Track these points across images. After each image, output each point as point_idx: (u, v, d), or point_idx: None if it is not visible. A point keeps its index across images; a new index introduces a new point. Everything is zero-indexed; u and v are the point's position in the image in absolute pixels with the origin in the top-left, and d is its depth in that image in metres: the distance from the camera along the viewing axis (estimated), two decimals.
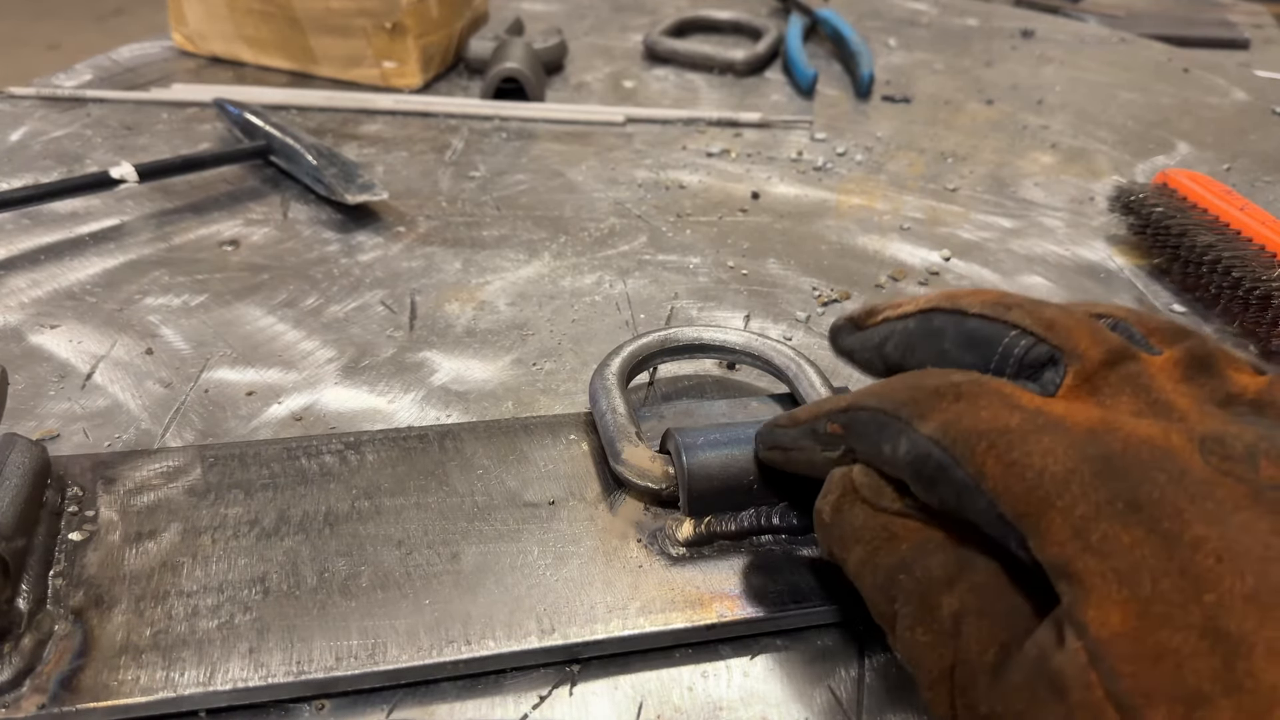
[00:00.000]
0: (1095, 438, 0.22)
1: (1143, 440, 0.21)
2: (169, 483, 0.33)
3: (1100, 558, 0.20)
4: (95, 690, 0.26)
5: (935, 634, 0.23)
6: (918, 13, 1.05)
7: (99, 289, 0.48)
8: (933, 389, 0.25)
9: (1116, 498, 0.20)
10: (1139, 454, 0.21)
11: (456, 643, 0.28)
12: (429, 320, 0.47)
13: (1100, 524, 0.20)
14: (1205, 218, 0.51)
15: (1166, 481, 0.20)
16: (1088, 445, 0.22)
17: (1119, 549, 0.19)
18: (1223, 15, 1.33)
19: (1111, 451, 0.21)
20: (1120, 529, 0.20)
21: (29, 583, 0.28)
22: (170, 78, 0.76)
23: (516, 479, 0.35)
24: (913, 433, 0.24)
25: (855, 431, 0.26)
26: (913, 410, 0.25)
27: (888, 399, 0.25)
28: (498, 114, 0.72)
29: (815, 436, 0.28)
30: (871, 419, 0.26)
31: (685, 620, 0.30)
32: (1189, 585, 0.18)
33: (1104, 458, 0.21)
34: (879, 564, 0.25)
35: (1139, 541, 0.19)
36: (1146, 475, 0.20)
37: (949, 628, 0.23)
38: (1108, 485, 0.20)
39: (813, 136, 0.71)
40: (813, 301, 0.50)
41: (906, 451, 0.24)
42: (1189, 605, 0.18)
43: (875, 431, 0.25)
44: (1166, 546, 0.19)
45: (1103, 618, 0.19)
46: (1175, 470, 0.20)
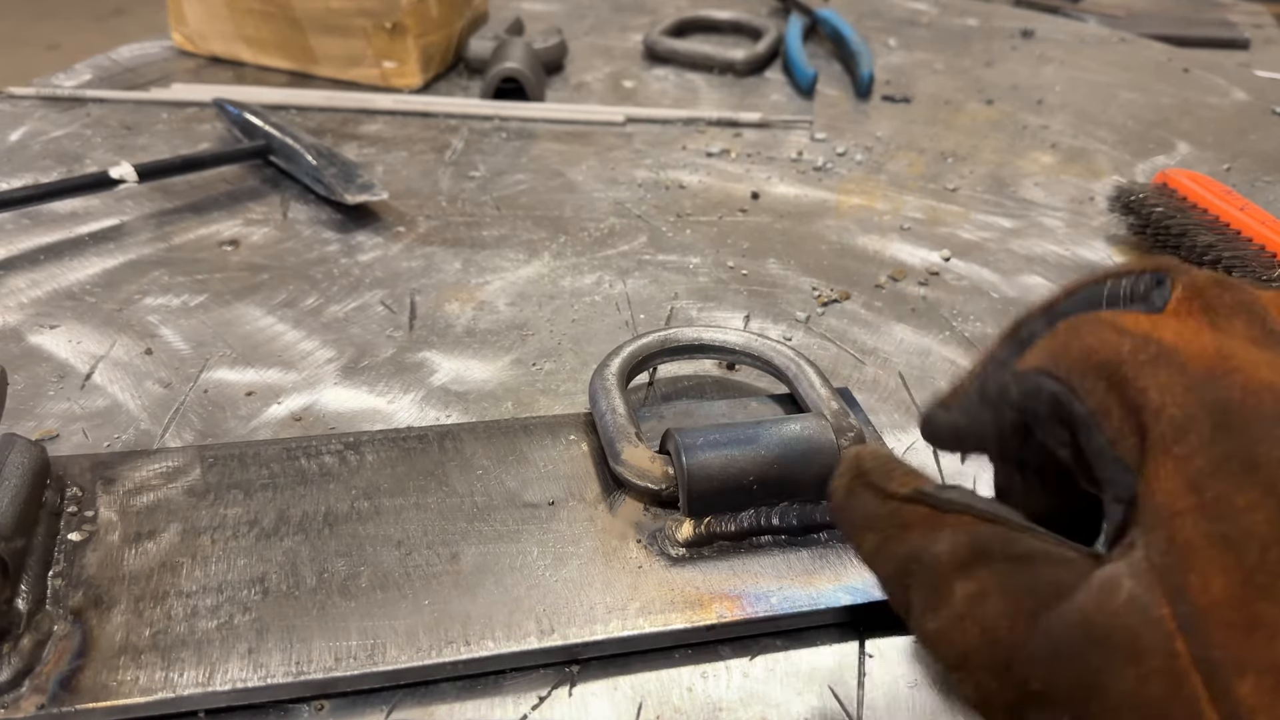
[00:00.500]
0: (1214, 380, 0.21)
1: (1265, 387, 0.20)
2: (168, 483, 0.33)
3: (1212, 519, 0.19)
4: (94, 690, 0.26)
5: (947, 619, 0.23)
6: (918, 13, 1.05)
7: (99, 289, 0.48)
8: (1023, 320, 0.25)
9: (1235, 454, 0.19)
10: (1260, 404, 0.20)
11: (456, 643, 0.28)
12: (429, 320, 0.47)
13: (1216, 482, 0.19)
14: (1205, 218, 0.51)
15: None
16: (1207, 388, 0.20)
17: (1232, 511, 0.19)
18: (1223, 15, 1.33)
19: (1231, 399, 0.20)
20: (1236, 490, 0.19)
21: (28, 583, 0.28)
22: (170, 78, 0.76)
23: (516, 479, 0.35)
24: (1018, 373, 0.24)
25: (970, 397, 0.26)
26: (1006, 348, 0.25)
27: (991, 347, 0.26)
28: (498, 114, 0.71)
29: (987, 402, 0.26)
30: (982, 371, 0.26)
31: (685, 621, 0.29)
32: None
33: (1223, 407, 0.20)
34: (892, 553, 0.24)
35: (1253, 505, 0.19)
36: (1268, 432, 0.19)
37: (962, 610, 0.22)
38: (1228, 438, 0.20)
39: (813, 136, 0.71)
40: (812, 301, 0.50)
41: (1017, 390, 0.24)
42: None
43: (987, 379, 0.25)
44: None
45: (1205, 584, 0.18)
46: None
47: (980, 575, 0.22)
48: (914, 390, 0.43)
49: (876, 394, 0.42)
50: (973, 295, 0.51)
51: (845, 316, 0.48)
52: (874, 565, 0.25)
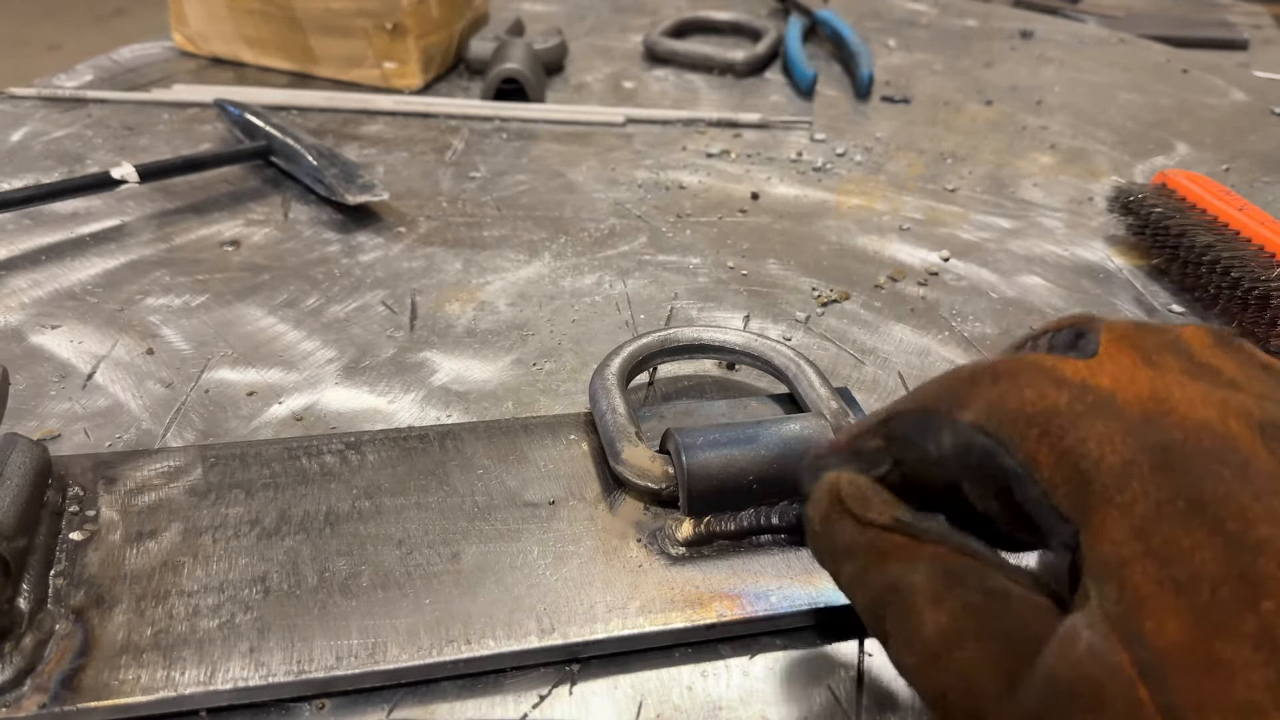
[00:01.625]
0: (1152, 422, 0.21)
1: (1202, 426, 0.20)
2: (170, 482, 0.34)
3: (1160, 563, 0.19)
4: (96, 689, 0.26)
5: (919, 655, 0.22)
6: (917, 13, 1.05)
7: (100, 289, 0.48)
8: (968, 376, 0.23)
9: (1178, 495, 0.19)
10: (1200, 443, 0.20)
11: (457, 642, 0.28)
12: (429, 320, 0.47)
13: (1162, 526, 0.19)
14: (1204, 218, 0.51)
15: (1231, 477, 0.19)
16: (1145, 432, 0.20)
17: (1180, 554, 0.19)
18: (1222, 15, 1.34)
19: (1171, 440, 0.20)
20: (1182, 532, 0.19)
21: (30, 582, 0.29)
22: (171, 78, 0.76)
23: (516, 479, 0.35)
24: (955, 424, 0.23)
25: (898, 439, 0.25)
26: (950, 401, 0.23)
27: (924, 397, 0.24)
28: (498, 114, 0.72)
29: (859, 457, 0.26)
30: (911, 421, 0.24)
31: (685, 620, 0.30)
32: (1248, 592, 0.18)
33: (1163, 447, 0.20)
34: (869, 583, 0.24)
35: (1200, 545, 0.18)
36: (1209, 469, 0.19)
37: (935, 647, 0.22)
38: (1169, 480, 0.19)
39: (812, 137, 0.71)
40: (812, 302, 0.50)
41: (951, 444, 0.23)
42: (1245, 614, 0.18)
43: (918, 433, 0.24)
44: (1229, 550, 0.18)
45: (1160, 628, 0.18)
46: (1238, 462, 0.19)
47: (953, 608, 0.22)
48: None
49: (876, 394, 0.42)
50: (972, 295, 0.51)
51: (845, 317, 0.48)
52: (852, 594, 0.25)
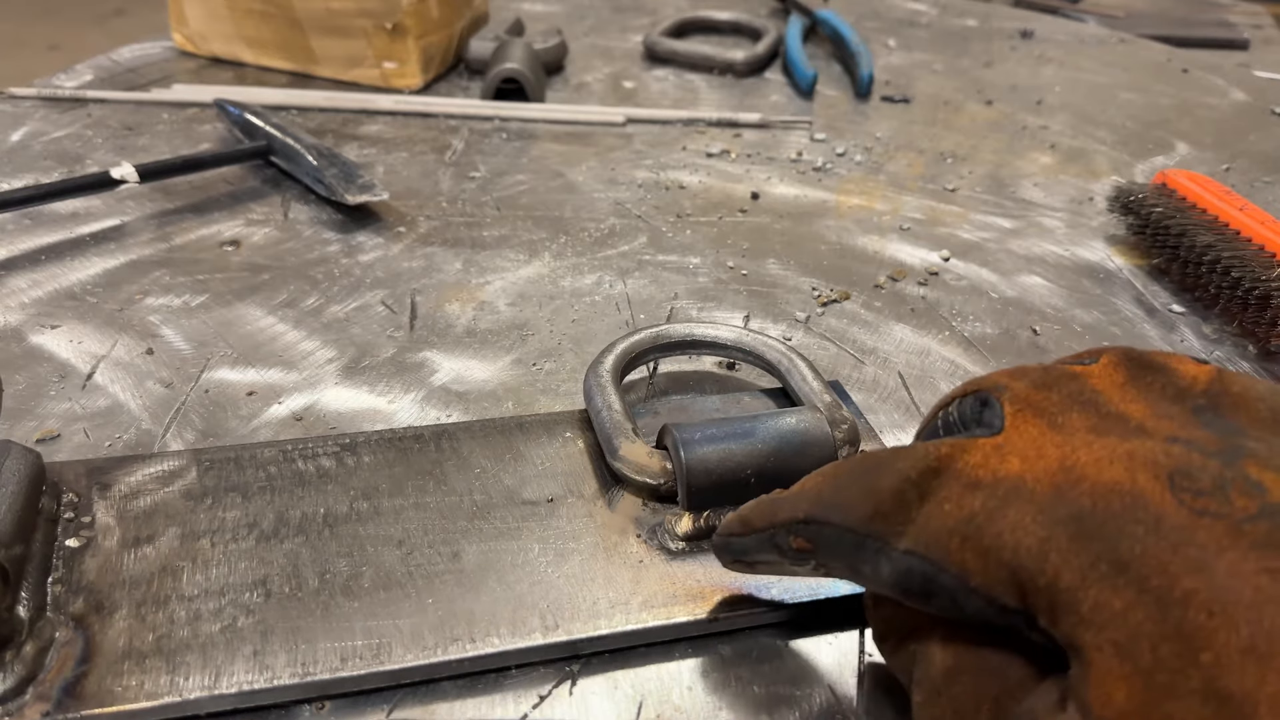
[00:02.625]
0: (1061, 495, 0.21)
1: (1110, 488, 0.20)
2: (165, 487, 0.33)
3: (1095, 629, 0.19)
4: (100, 696, 0.26)
5: (926, 692, 0.23)
6: (917, 13, 1.05)
7: (99, 289, 0.48)
8: (892, 494, 0.23)
9: (1099, 560, 0.19)
10: (1110, 506, 0.20)
11: (461, 641, 0.28)
12: (429, 320, 0.47)
13: (1089, 591, 0.19)
14: (1204, 218, 0.51)
15: (1145, 534, 0.19)
16: (1056, 507, 0.20)
17: (1112, 617, 0.18)
18: (1222, 15, 1.33)
19: (1081, 510, 0.20)
20: (1110, 593, 0.19)
21: (28, 590, 0.28)
22: (171, 78, 0.76)
23: (514, 477, 0.35)
24: (891, 551, 0.23)
25: (825, 549, 0.25)
26: (884, 527, 0.23)
27: (850, 511, 0.24)
28: (498, 114, 0.72)
29: (779, 550, 0.26)
30: (841, 538, 0.24)
31: (687, 614, 0.30)
32: (1184, 647, 0.18)
33: (1075, 518, 0.20)
34: (901, 654, 0.25)
35: (1131, 605, 0.18)
36: (1123, 530, 0.19)
37: (939, 683, 0.22)
38: (1085, 547, 0.19)
39: (812, 137, 0.71)
40: (812, 301, 0.50)
41: (889, 572, 0.23)
42: (1188, 669, 0.17)
43: (848, 552, 0.24)
44: (1159, 607, 0.18)
45: (1105, 696, 0.18)
46: (1150, 519, 0.19)
47: (958, 647, 0.23)
48: (913, 390, 0.43)
49: (876, 394, 0.42)
50: (972, 295, 0.51)
51: (845, 316, 0.48)
52: (891, 663, 0.26)
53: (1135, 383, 0.24)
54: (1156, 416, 0.23)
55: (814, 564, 0.26)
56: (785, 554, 0.26)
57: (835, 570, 0.25)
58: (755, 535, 0.27)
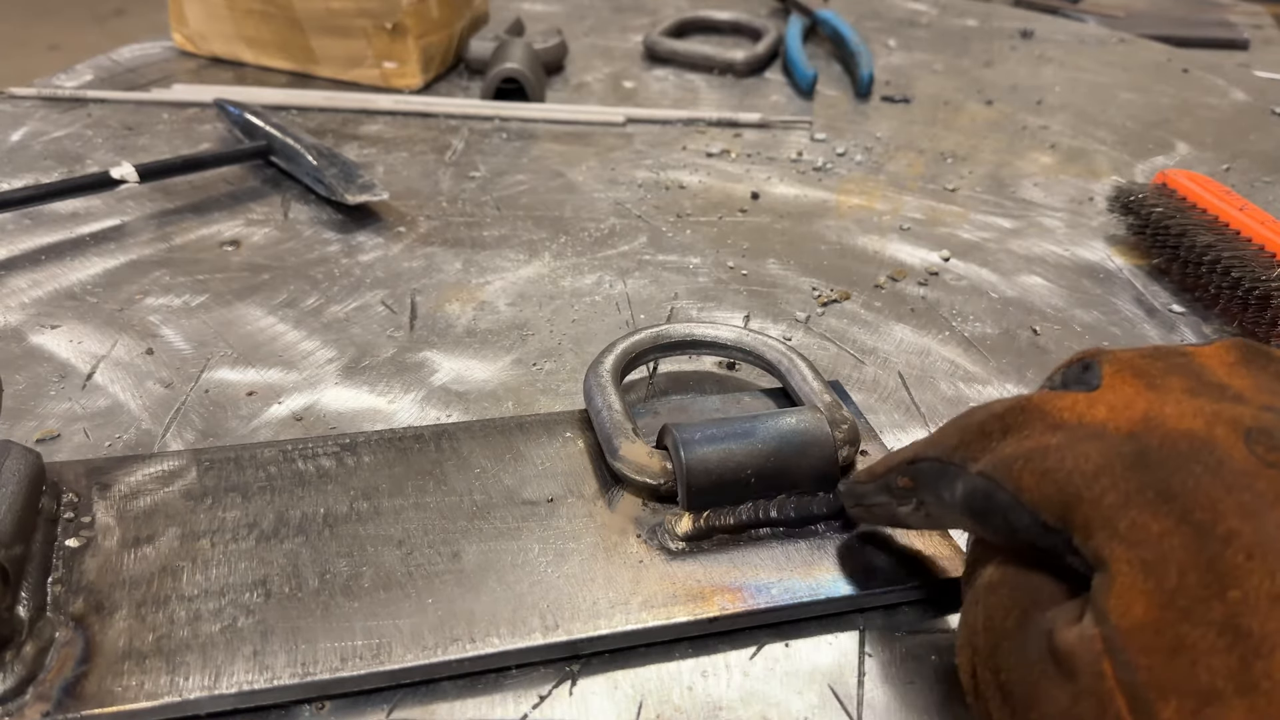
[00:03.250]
0: (1133, 437, 0.21)
1: (1182, 434, 0.21)
2: (164, 487, 0.33)
3: (1128, 545, 0.19)
4: (100, 696, 0.26)
5: (968, 602, 0.25)
6: (917, 13, 1.05)
7: (99, 289, 0.48)
8: (978, 426, 0.25)
9: (1147, 486, 0.20)
10: (1176, 446, 0.21)
11: (461, 641, 0.28)
12: (429, 320, 0.47)
13: (1129, 511, 0.20)
14: (1205, 218, 0.51)
15: (1202, 471, 0.20)
16: (1124, 444, 0.21)
17: (1147, 538, 0.19)
18: (1222, 15, 1.33)
19: (1147, 446, 0.21)
20: (1150, 517, 0.19)
21: (28, 590, 0.28)
22: (171, 78, 0.76)
23: (514, 477, 0.35)
24: (966, 475, 0.25)
25: (922, 483, 0.27)
26: (965, 453, 0.25)
27: (943, 445, 0.26)
28: (498, 114, 0.72)
29: (890, 491, 0.28)
30: (931, 468, 0.26)
31: (687, 614, 0.30)
32: (1215, 580, 0.18)
33: (1138, 452, 0.21)
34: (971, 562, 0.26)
35: (1168, 531, 0.19)
36: (1181, 465, 0.20)
37: (980, 594, 0.24)
38: (1138, 475, 0.20)
39: (812, 137, 0.71)
40: (812, 301, 0.50)
41: (962, 493, 0.25)
42: (1212, 600, 0.18)
43: (936, 480, 0.26)
44: (1197, 538, 0.19)
45: (1124, 607, 0.19)
46: (1213, 460, 0.20)
47: (1000, 561, 0.24)
48: (913, 390, 0.43)
49: (876, 394, 0.42)
50: (972, 295, 0.51)
51: (845, 316, 0.48)
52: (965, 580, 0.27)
53: (1247, 363, 0.25)
54: (1258, 390, 0.23)
55: (915, 501, 0.28)
56: (894, 493, 0.28)
57: (929, 505, 0.27)
58: (876, 482, 0.29)
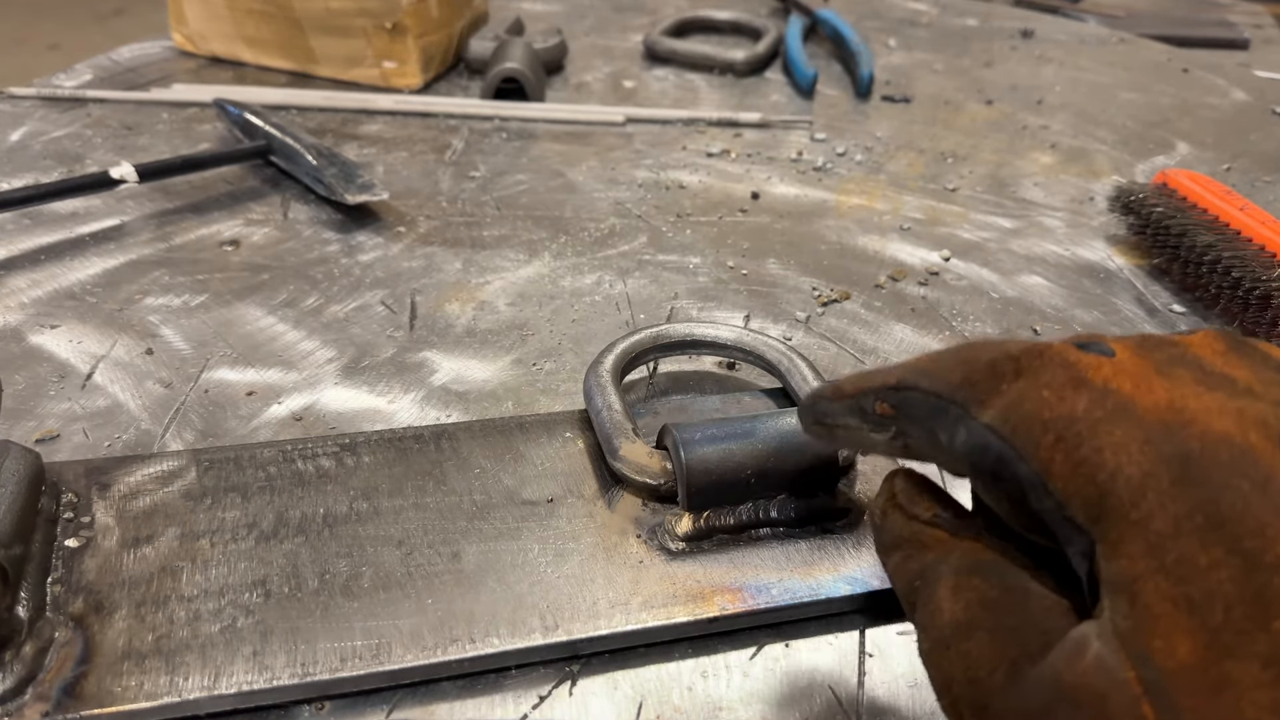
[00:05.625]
0: (1170, 432, 0.20)
1: (1220, 438, 0.20)
2: (164, 487, 0.33)
3: (1175, 581, 0.18)
4: (99, 697, 0.26)
5: (933, 641, 0.23)
6: (918, 13, 1.05)
7: (99, 289, 0.48)
8: (988, 364, 0.23)
9: (1196, 510, 0.19)
10: (1218, 455, 0.19)
11: (461, 641, 0.28)
12: (429, 320, 0.47)
13: (1179, 542, 0.18)
14: (1205, 218, 0.51)
15: (1250, 490, 0.19)
16: (1164, 441, 0.20)
17: (1195, 572, 0.18)
18: (1223, 15, 1.33)
19: (1189, 452, 0.19)
20: (1198, 549, 0.18)
21: (28, 590, 0.28)
22: (170, 78, 0.76)
23: (514, 477, 0.35)
24: (970, 421, 0.22)
25: (907, 414, 0.24)
26: (969, 394, 0.22)
27: (941, 379, 0.23)
28: (498, 114, 0.72)
29: (863, 415, 0.25)
30: (924, 401, 0.24)
31: (687, 614, 0.30)
32: (1260, 611, 0.17)
33: (1181, 459, 0.19)
34: (907, 570, 0.25)
35: (1217, 563, 0.18)
36: (1228, 483, 0.19)
37: (948, 636, 0.22)
38: (1188, 495, 0.19)
39: (813, 136, 0.71)
40: (812, 301, 0.50)
41: (964, 442, 0.23)
42: (1256, 633, 0.17)
43: (929, 416, 0.23)
44: (1246, 569, 0.18)
45: (1170, 648, 0.18)
46: (1259, 476, 0.19)
47: (969, 600, 0.22)
48: None
49: None
50: (972, 295, 0.51)
51: (845, 316, 0.48)
52: (894, 581, 0.25)
53: (1236, 352, 0.23)
54: (1263, 382, 0.22)
55: (893, 431, 0.25)
56: (868, 418, 0.25)
57: (912, 439, 0.25)
58: (845, 400, 0.26)
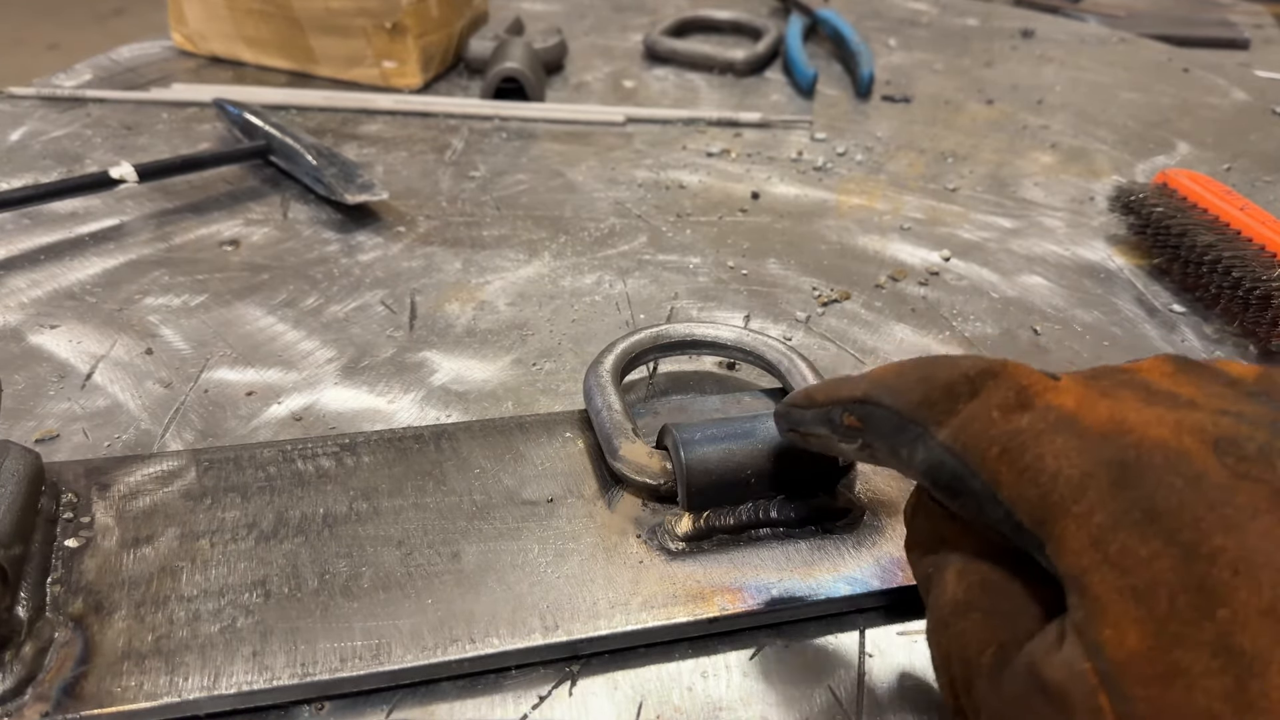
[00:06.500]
0: (1109, 441, 0.21)
1: (1156, 444, 0.21)
2: (164, 487, 0.33)
3: (1119, 572, 0.19)
4: (99, 697, 0.26)
5: (935, 620, 0.24)
6: (918, 13, 1.05)
7: (99, 289, 0.48)
8: (945, 385, 0.24)
9: (1134, 506, 0.19)
10: (1154, 458, 0.20)
11: (461, 641, 0.28)
12: (429, 320, 0.47)
13: (1118, 534, 0.19)
14: (1205, 218, 0.51)
15: (1184, 487, 0.19)
16: (1102, 448, 0.21)
17: (1137, 563, 0.19)
18: (1223, 15, 1.33)
19: (1126, 457, 0.20)
20: (1138, 541, 0.19)
21: (27, 590, 0.28)
22: (170, 78, 0.76)
23: (514, 477, 0.35)
24: (929, 439, 0.24)
25: (872, 429, 0.26)
26: (928, 414, 0.24)
27: (902, 396, 0.25)
28: (498, 114, 0.71)
29: (831, 426, 0.27)
30: (888, 419, 0.25)
31: (687, 614, 0.30)
32: (1204, 600, 0.18)
33: (1120, 463, 0.20)
34: (925, 561, 0.26)
35: (1157, 554, 0.19)
36: (1163, 480, 0.20)
37: (947, 615, 0.23)
38: (1124, 493, 0.20)
39: (813, 136, 0.71)
40: (813, 301, 0.50)
41: (923, 459, 0.24)
42: (1202, 621, 0.18)
43: (891, 433, 0.25)
44: (1185, 559, 0.18)
45: (1119, 638, 0.18)
46: (1192, 474, 0.20)
47: (971, 582, 0.24)
48: None
49: None
50: (973, 295, 0.51)
51: (845, 316, 0.48)
52: (915, 572, 0.27)
53: (1185, 372, 0.24)
54: (1207, 395, 0.23)
55: (860, 443, 0.26)
56: (836, 429, 0.27)
57: (878, 451, 0.26)
58: (815, 410, 0.28)
